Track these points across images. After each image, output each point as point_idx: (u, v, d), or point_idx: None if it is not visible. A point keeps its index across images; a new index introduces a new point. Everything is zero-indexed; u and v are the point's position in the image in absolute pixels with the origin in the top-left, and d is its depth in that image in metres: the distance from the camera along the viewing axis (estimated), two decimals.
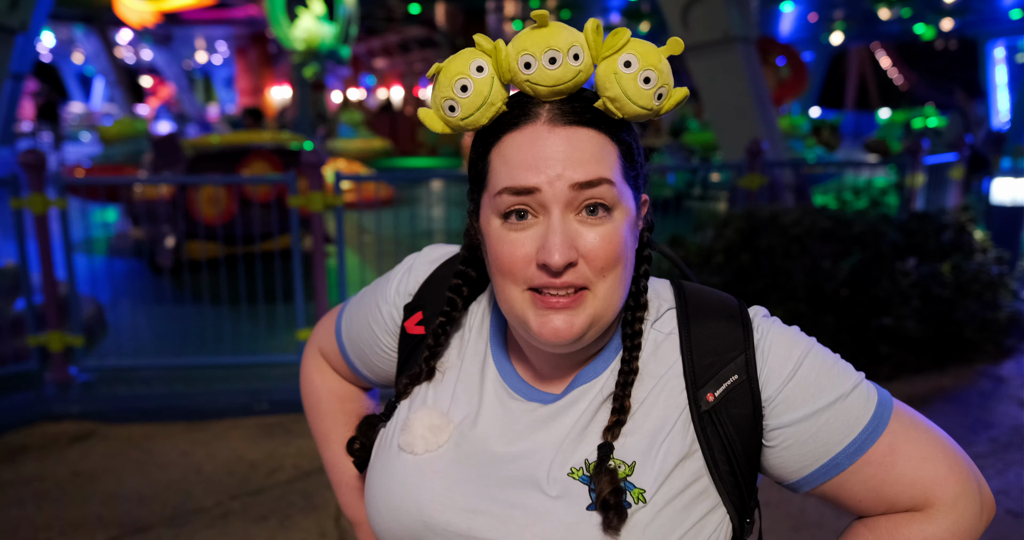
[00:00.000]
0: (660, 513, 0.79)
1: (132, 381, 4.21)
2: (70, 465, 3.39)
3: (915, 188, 5.48)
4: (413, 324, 0.98)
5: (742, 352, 0.84)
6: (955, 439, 0.87)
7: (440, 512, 0.84)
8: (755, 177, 4.91)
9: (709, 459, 0.81)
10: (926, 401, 4.00)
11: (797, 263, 4.21)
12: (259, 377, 4.25)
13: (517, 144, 0.78)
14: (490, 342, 0.93)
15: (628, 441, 0.82)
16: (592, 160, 0.77)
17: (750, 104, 5.92)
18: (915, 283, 4.36)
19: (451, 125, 0.81)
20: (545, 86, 0.77)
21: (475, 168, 0.84)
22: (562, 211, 0.77)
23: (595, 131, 0.78)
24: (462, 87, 0.78)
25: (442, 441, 0.88)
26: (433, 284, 0.98)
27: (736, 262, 4.21)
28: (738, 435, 0.82)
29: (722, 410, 0.82)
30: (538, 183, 0.76)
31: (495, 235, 0.80)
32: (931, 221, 4.75)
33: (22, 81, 8.69)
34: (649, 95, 0.77)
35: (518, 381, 0.89)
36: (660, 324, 0.88)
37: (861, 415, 0.82)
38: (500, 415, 0.88)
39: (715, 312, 0.87)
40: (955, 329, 4.42)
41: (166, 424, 3.81)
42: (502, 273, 0.80)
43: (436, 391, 0.93)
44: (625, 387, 0.83)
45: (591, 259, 0.77)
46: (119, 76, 23.85)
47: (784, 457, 0.83)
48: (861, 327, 4.20)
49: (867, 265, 4.29)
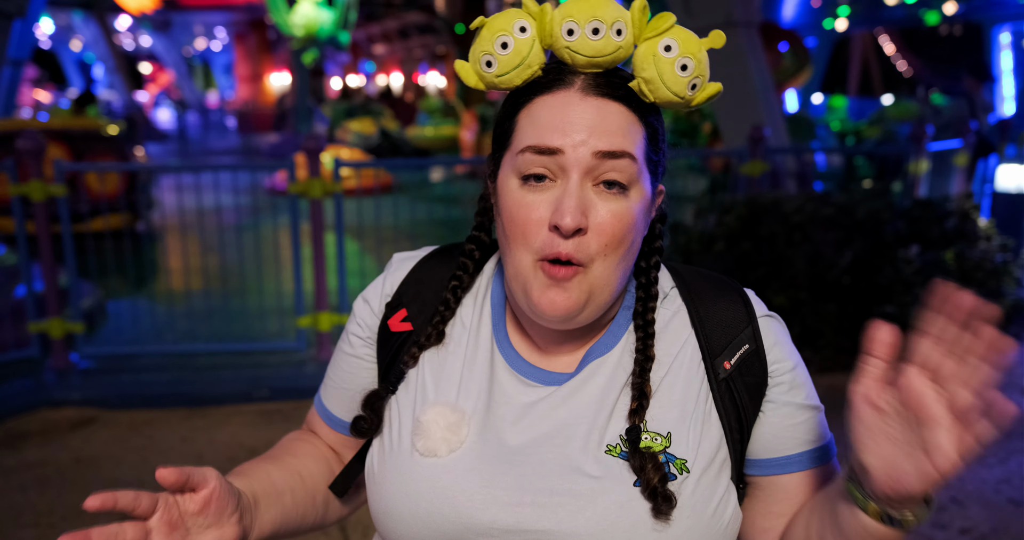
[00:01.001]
0: (700, 480, 0.81)
1: (133, 368, 4.21)
2: (71, 451, 3.40)
3: (919, 175, 5.45)
4: (398, 321, 0.94)
5: (748, 323, 0.87)
6: None
7: (482, 511, 0.81)
8: (757, 164, 4.87)
9: (726, 426, 0.84)
10: None
11: (799, 250, 4.19)
12: (259, 364, 4.25)
13: (548, 106, 0.79)
14: (493, 331, 0.91)
15: (659, 413, 0.83)
16: (619, 133, 0.78)
17: (752, 90, 5.87)
18: (918, 271, 4.34)
19: (485, 81, 0.81)
20: (584, 55, 0.78)
21: (501, 127, 0.84)
22: (581, 177, 0.77)
23: (625, 107, 0.79)
24: (503, 44, 0.79)
25: (463, 437, 0.85)
26: (414, 280, 0.95)
27: (737, 249, 4.20)
28: (751, 402, 0.85)
29: (737, 378, 0.85)
30: (562, 145, 0.77)
31: (511, 195, 0.80)
32: (934, 208, 4.72)
33: (21, 67, 8.65)
34: (684, 83, 0.78)
35: (526, 365, 0.88)
36: (667, 302, 0.90)
37: (825, 433, 0.88)
38: (516, 401, 0.86)
39: (715, 289, 0.91)
40: None
41: (167, 411, 3.81)
42: (514, 236, 0.80)
43: (437, 382, 0.89)
44: (643, 374, 0.83)
45: (599, 232, 0.78)
46: (118, 63, 23.74)
47: (762, 432, 0.86)
48: (863, 315, 4.19)
49: (869, 253, 4.27)
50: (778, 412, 0.86)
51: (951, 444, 0.61)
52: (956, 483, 3.04)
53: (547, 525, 0.79)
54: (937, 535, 2.71)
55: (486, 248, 0.94)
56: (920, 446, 0.64)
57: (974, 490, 2.99)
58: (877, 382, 0.67)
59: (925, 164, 5.50)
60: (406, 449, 0.86)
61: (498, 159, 0.85)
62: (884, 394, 0.67)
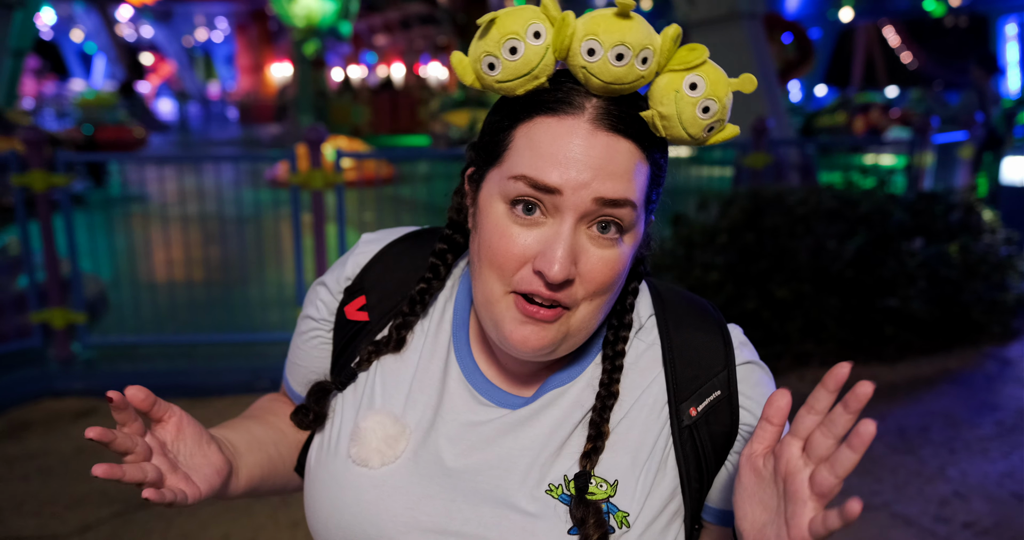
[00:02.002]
0: (643, 537, 0.76)
1: (134, 358, 4.21)
2: (73, 441, 3.40)
3: (923, 168, 5.42)
4: (354, 309, 0.87)
5: (724, 368, 0.81)
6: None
7: (404, 534, 0.76)
8: (760, 156, 4.85)
9: (684, 476, 0.79)
10: (931, 383, 3.99)
11: (802, 243, 4.17)
12: (260, 355, 4.25)
13: (552, 134, 0.70)
14: (452, 338, 0.84)
15: (609, 457, 0.77)
16: (624, 177, 0.70)
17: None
18: (922, 263, 4.32)
19: (483, 82, 0.73)
20: (601, 80, 0.69)
21: (493, 135, 0.75)
22: (576, 220, 0.70)
23: (635, 145, 0.71)
24: (511, 49, 0.69)
25: (399, 452, 0.79)
26: (377, 265, 0.88)
27: (740, 242, 4.18)
28: (714, 452, 0.80)
29: (703, 426, 0.79)
30: (561, 185, 0.69)
31: (494, 221, 0.72)
32: (939, 201, 4.70)
33: (23, 57, 8.63)
34: (702, 125, 0.71)
35: (483, 382, 0.82)
36: (642, 333, 0.84)
37: None
38: (463, 420, 0.80)
39: (696, 323, 0.84)
40: (962, 310, 4.39)
41: (169, 401, 3.80)
42: (491, 264, 0.73)
43: (386, 387, 0.83)
44: (603, 412, 0.77)
45: (587, 281, 0.72)
46: (119, 53, 23.68)
47: (723, 483, 0.81)
48: (866, 308, 4.18)
49: (873, 245, 4.25)
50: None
51: (807, 522, 0.61)
52: (959, 477, 3.04)
53: None
54: (940, 529, 2.70)
55: (459, 248, 0.87)
56: (784, 517, 0.63)
57: (977, 484, 2.98)
58: (765, 447, 0.66)
59: (930, 157, 5.47)
60: (341, 453, 0.81)
61: (484, 169, 0.76)
62: (768, 461, 0.66)
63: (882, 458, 3.19)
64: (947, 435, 3.38)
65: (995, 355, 4.35)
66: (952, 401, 3.76)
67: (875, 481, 3.00)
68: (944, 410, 3.64)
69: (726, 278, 4.12)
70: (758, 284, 4.10)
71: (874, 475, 3.05)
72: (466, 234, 0.85)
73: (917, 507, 2.83)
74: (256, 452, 0.88)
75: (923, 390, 3.89)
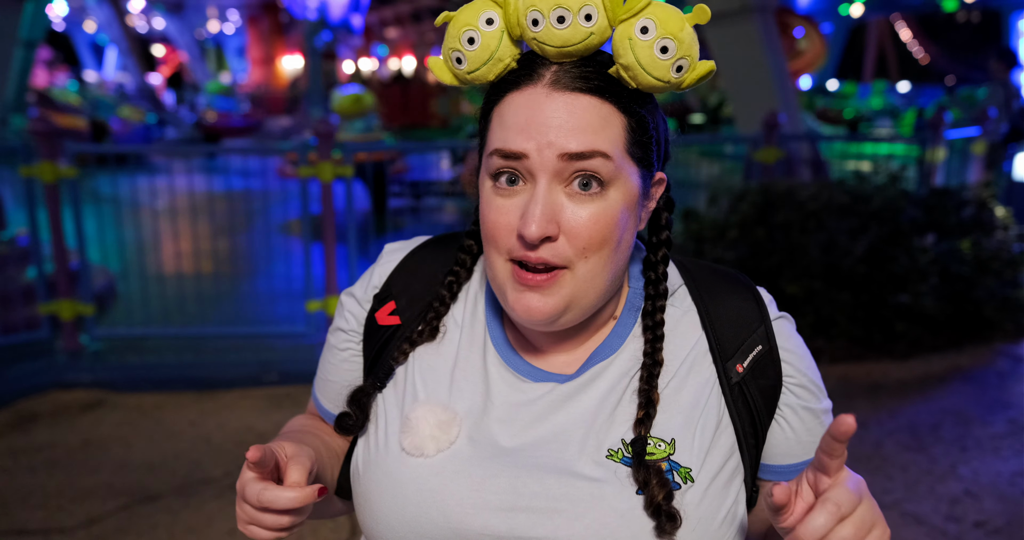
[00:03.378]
0: (707, 491, 0.77)
1: (143, 350, 4.22)
2: (81, 433, 3.41)
3: (935, 163, 5.35)
4: (385, 314, 0.89)
5: (761, 323, 0.84)
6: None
7: (473, 516, 0.76)
8: (771, 150, 4.80)
9: (740, 432, 0.81)
10: (943, 380, 3.95)
11: (813, 239, 4.13)
12: (269, 348, 4.25)
13: (515, 105, 0.74)
14: (487, 327, 0.86)
15: (664, 418, 0.79)
16: (588, 130, 0.72)
17: (767, 75, 5.78)
18: (934, 260, 4.27)
19: (459, 78, 0.77)
20: (552, 46, 0.72)
21: (479, 124, 0.81)
22: (549, 181, 0.73)
23: (599, 100, 0.73)
24: (469, 39, 0.74)
25: (453, 437, 0.80)
26: (404, 272, 0.91)
27: (751, 237, 4.14)
28: (765, 406, 0.82)
29: (751, 381, 0.81)
30: (526, 149, 0.72)
31: (485, 198, 0.77)
32: (951, 197, 4.64)
33: (35, 49, 8.64)
34: (666, 66, 0.70)
35: (522, 363, 0.83)
36: (675, 300, 0.86)
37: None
38: (512, 400, 0.81)
39: (727, 287, 0.86)
40: (973, 307, 4.34)
41: (176, 394, 3.82)
42: (487, 239, 0.77)
43: (427, 381, 0.85)
44: (651, 380, 0.79)
45: (573, 237, 0.73)
46: (131, 45, 23.72)
47: (778, 438, 0.84)
48: (877, 305, 4.14)
49: (885, 241, 4.21)
50: (795, 417, 0.83)
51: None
52: (971, 476, 3.00)
53: (542, 532, 0.74)
54: (951, 528, 2.67)
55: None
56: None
57: (988, 483, 2.95)
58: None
59: (942, 152, 5.40)
60: (393, 448, 0.81)
61: (480, 156, 0.81)
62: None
63: (893, 456, 3.16)
64: (958, 433, 3.34)
65: (1007, 352, 4.30)
66: (964, 399, 3.71)
67: (886, 479, 2.97)
68: (955, 408, 3.60)
69: None
70: (768, 280, 4.06)
71: (885, 473, 3.02)
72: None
73: (928, 506, 2.80)
74: (326, 468, 0.89)
75: (934, 387, 3.85)
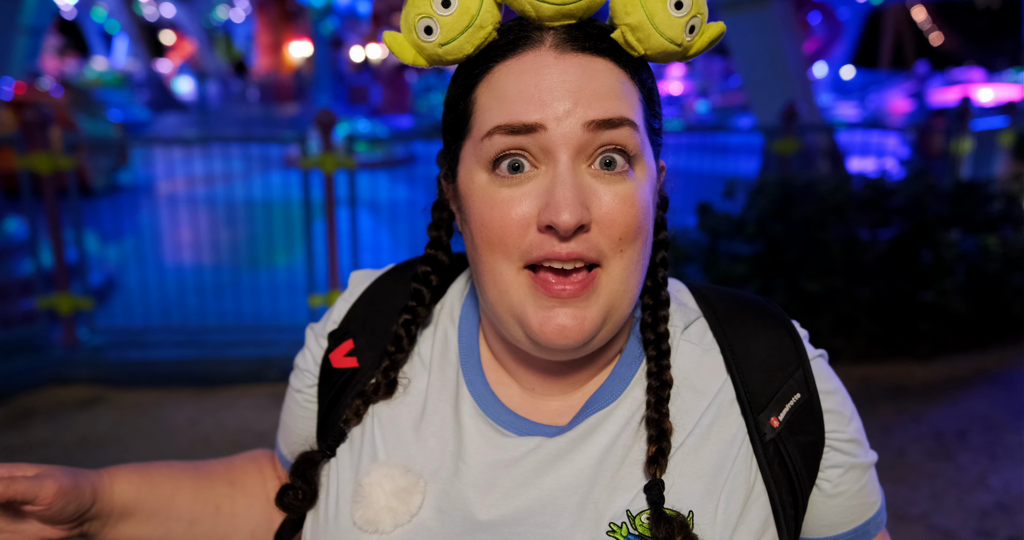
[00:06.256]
0: None
1: (142, 345, 4.12)
2: (77, 431, 3.32)
3: (961, 155, 5.17)
4: (341, 355, 0.75)
5: (799, 366, 0.69)
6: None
7: None
8: (790, 141, 4.63)
9: (776, 502, 0.66)
10: (969, 383, 3.80)
11: (833, 234, 3.98)
12: (270, 344, 4.14)
13: (514, 73, 0.61)
14: (461, 368, 0.72)
15: (680, 483, 0.64)
16: (612, 95, 0.60)
17: (784, 64, 5.61)
18: (960, 256, 4.11)
19: (426, 53, 0.62)
20: (551, 3, 0.59)
21: (453, 110, 0.65)
22: (572, 158, 0.59)
23: (613, 63, 0.61)
24: (444, 2, 0.60)
25: (415, 508, 0.66)
26: (364, 304, 0.78)
27: (769, 232, 3.99)
28: (806, 468, 0.67)
29: (788, 438, 0.67)
30: (542, 119, 0.59)
31: (481, 194, 0.62)
32: (978, 191, 4.47)
33: (41, 35, 8.53)
34: (680, 24, 0.60)
35: (503, 412, 0.69)
36: (692, 335, 0.71)
37: (879, 487, 0.74)
38: (490, 459, 0.67)
39: (755, 320, 0.71)
40: (1001, 306, 4.18)
41: (175, 390, 3.73)
42: (491, 245, 0.61)
43: (388, 437, 0.71)
44: (660, 405, 0.65)
45: (607, 225, 0.60)
46: (140, 32, 23.65)
47: (827, 505, 0.70)
48: (900, 303, 3.98)
49: (908, 236, 4.05)
50: (843, 480, 0.69)
51: None
52: (1001, 487, 2.86)
53: None
54: None
55: (445, 270, 0.76)
56: None
57: (1020, 495, 2.81)
58: None
59: (968, 143, 5.22)
60: (344, 522, 0.68)
61: (455, 152, 0.66)
62: None
63: (918, 465, 3.02)
64: (987, 440, 3.20)
65: None
66: (991, 403, 3.57)
67: (911, 490, 2.84)
68: (983, 412, 3.45)
69: (754, 270, 3.94)
70: (787, 277, 3.92)
71: (910, 483, 2.88)
72: (450, 253, 0.75)
73: (957, 519, 2.66)
74: (148, 524, 0.76)
75: (959, 390, 3.70)
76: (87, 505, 0.69)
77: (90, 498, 0.70)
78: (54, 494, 0.65)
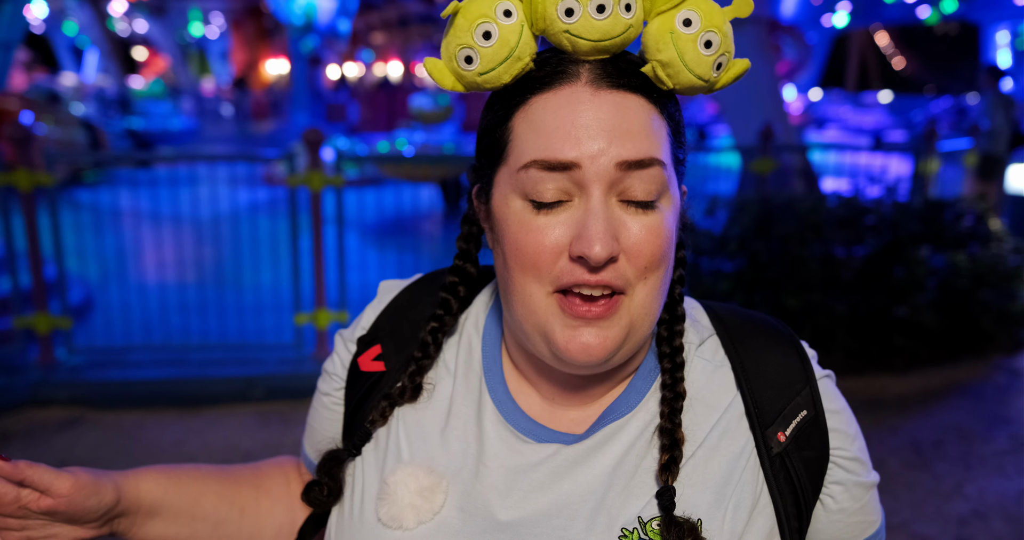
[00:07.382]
0: None
1: (123, 365, 4.07)
2: (57, 454, 3.26)
3: (929, 175, 5.34)
4: (369, 359, 0.80)
5: (806, 384, 0.73)
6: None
7: None
8: (767, 161, 4.76)
9: (781, 513, 0.70)
10: (942, 395, 3.90)
11: (811, 251, 4.08)
12: (255, 362, 4.12)
13: (551, 107, 0.64)
14: (484, 376, 0.76)
15: (689, 493, 0.68)
16: (643, 134, 0.64)
17: (761, 86, 5.77)
18: (931, 272, 4.24)
19: (465, 81, 0.66)
20: (588, 39, 0.63)
21: (490, 136, 0.69)
22: (604, 193, 0.63)
23: (646, 100, 0.65)
24: (484, 34, 0.63)
25: (437, 506, 0.70)
26: (392, 312, 0.82)
27: (750, 249, 4.09)
28: (810, 482, 0.71)
29: (794, 452, 0.71)
30: (577, 157, 0.63)
31: (516, 220, 0.65)
32: (948, 209, 4.62)
33: (11, 50, 8.43)
34: (709, 63, 0.64)
35: (524, 420, 0.73)
36: (706, 351, 0.75)
37: (879, 506, 0.77)
38: (509, 464, 0.71)
39: (765, 339, 0.76)
40: (970, 320, 4.31)
41: (158, 410, 3.68)
42: (523, 268, 0.65)
43: (413, 439, 0.75)
44: (674, 416, 0.69)
45: (635, 256, 0.64)
46: (112, 48, 23.44)
47: (828, 520, 0.73)
48: (875, 317, 4.09)
49: (882, 253, 4.17)
50: (846, 495, 0.73)
51: None
52: (977, 495, 2.95)
53: None
54: None
55: (473, 281, 0.79)
56: None
57: (996, 502, 2.89)
58: None
59: (936, 163, 5.39)
60: (369, 518, 0.72)
61: (489, 176, 0.70)
62: None
63: (897, 475, 3.10)
64: (961, 450, 3.29)
65: (1004, 366, 4.27)
66: (964, 414, 3.67)
67: (892, 499, 2.91)
68: (956, 423, 3.55)
69: (736, 287, 4.03)
70: (768, 293, 4.01)
71: (890, 493, 2.95)
72: (478, 265, 0.80)
73: (937, 527, 2.74)
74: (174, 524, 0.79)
75: (934, 402, 3.81)
76: (109, 502, 0.73)
77: (112, 495, 0.73)
78: (70, 486, 0.69)
